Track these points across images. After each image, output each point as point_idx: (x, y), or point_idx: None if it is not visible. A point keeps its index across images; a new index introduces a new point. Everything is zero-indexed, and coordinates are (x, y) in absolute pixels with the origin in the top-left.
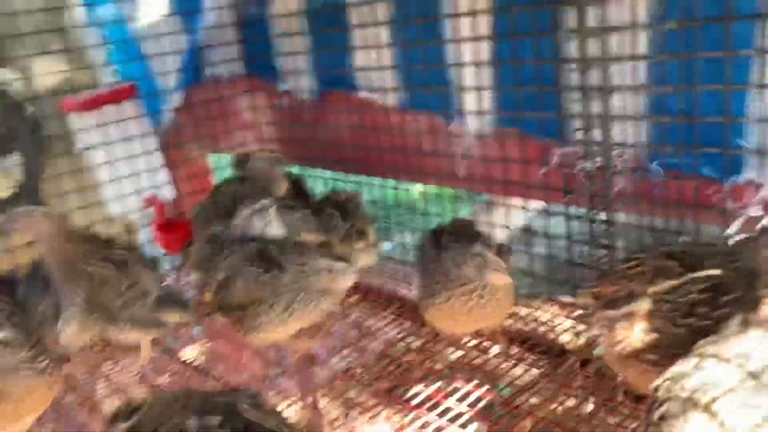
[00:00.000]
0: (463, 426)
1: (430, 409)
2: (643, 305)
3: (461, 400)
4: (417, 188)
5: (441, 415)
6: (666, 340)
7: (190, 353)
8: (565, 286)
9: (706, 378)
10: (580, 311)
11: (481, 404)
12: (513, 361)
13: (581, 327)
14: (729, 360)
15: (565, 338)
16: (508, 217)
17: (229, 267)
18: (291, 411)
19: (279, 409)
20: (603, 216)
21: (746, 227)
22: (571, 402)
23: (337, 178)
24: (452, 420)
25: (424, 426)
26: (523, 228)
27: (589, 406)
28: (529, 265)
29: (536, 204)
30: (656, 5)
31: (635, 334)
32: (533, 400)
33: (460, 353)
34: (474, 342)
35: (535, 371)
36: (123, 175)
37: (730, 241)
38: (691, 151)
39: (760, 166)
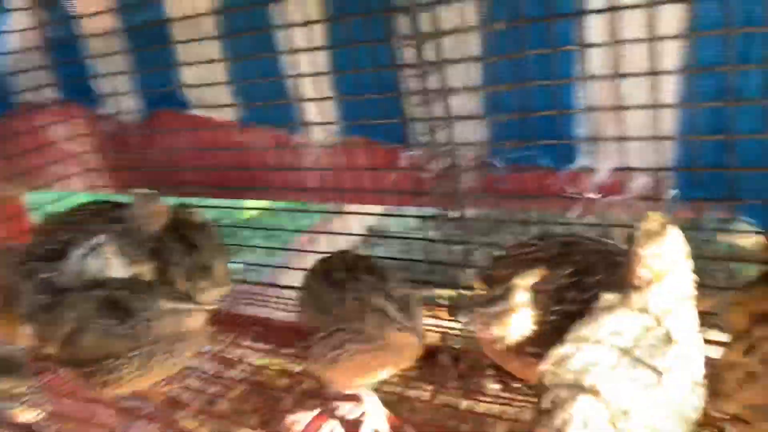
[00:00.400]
0: None
1: None
2: (518, 299)
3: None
4: (260, 204)
5: None
6: (543, 330)
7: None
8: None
9: (586, 359)
10: (448, 305)
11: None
12: None
13: (447, 324)
14: (603, 340)
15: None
16: (355, 223)
17: (76, 319)
18: None
19: None
20: (455, 213)
21: (586, 211)
22: (445, 398)
23: (183, 203)
24: None
25: None
26: (375, 231)
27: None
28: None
29: (388, 208)
30: (484, 8)
31: (513, 328)
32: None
33: None
34: None
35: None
36: None
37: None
38: (528, 145)
39: (592, 153)
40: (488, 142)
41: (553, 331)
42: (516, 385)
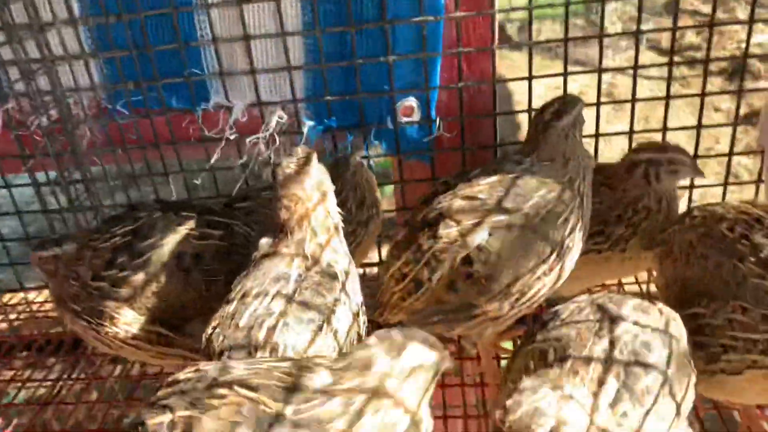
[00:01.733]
0: None
1: None
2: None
3: None
4: None
5: None
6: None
7: None
8: None
9: (254, 313)
10: None
11: None
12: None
13: None
14: (267, 290)
15: None
16: None
17: None
18: None
19: None
20: (77, 175)
21: (228, 152)
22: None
23: None
24: None
25: None
26: None
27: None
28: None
29: None
30: None
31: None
32: None
33: None
34: None
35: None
36: None
37: None
38: (152, 84)
39: (226, 89)
40: (104, 85)
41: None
42: None
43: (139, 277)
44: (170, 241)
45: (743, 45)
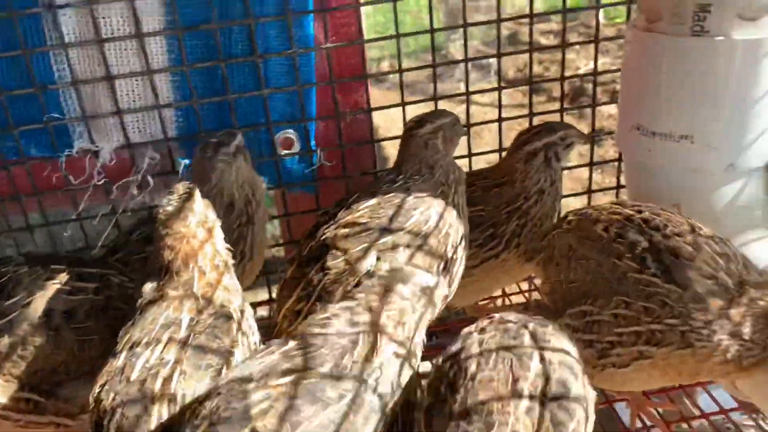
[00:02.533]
0: None
1: None
2: None
3: None
4: None
5: None
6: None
7: None
8: None
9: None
10: None
11: None
12: None
13: None
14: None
15: None
16: None
17: None
18: None
19: None
20: None
21: (100, 198)
22: None
23: None
24: None
25: None
26: None
27: None
28: None
29: None
30: None
31: None
32: None
33: None
34: None
35: None
36: None
37: None
38: (7, 134)
39: (90, 133)
40: None
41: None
42: None
43: (4, 341)
44: (38, 298)
45: (579, 72)
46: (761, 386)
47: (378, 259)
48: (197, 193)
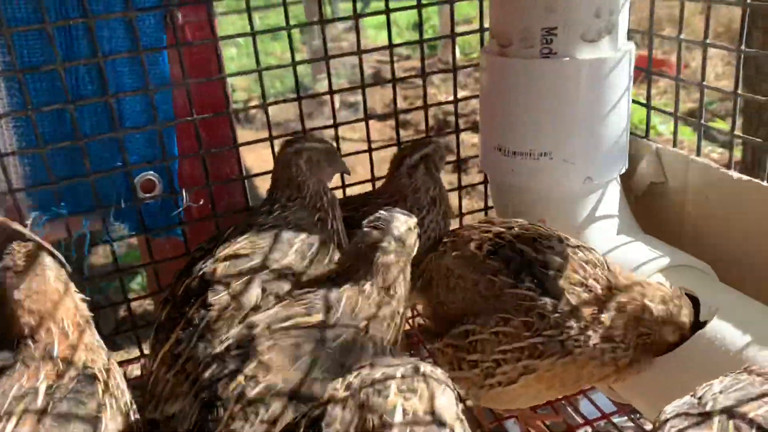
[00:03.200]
0: None
1: None
2: None
3: None
4: None
5: None
6: None
7: None
8: None
9: None
10: None
11: None
12: None
13: None
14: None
15: None
16: None
17: None
18: None
19: None
20: None
21: None
22: None
23: None
24: None
25: None
26: None
27: None
28: None
29: None
30: None
31: None
32: None
33: None
34: None
35: None
36: None
37: None
38: None
39: None
40: None
41: None
42: None
43: None
44: None
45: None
46: (635, 386)
47: (263, 290)
48: (43, 245)
